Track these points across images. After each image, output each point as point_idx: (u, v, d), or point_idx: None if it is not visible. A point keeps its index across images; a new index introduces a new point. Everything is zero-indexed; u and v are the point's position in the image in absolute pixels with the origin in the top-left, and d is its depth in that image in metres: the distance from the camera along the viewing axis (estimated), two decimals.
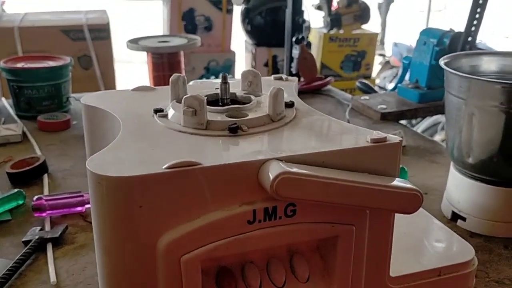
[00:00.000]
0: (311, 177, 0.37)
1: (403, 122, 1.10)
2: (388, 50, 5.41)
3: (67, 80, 1.11)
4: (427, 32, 1.10)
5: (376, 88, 2.72)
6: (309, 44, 2.41)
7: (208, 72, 2.34)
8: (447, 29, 1.14)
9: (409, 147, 0.91)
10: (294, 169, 0.37)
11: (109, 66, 2.12)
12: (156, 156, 0.38)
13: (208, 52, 2.35)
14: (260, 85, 0.52)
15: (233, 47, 2.47)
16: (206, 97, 0.44)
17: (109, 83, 2.10)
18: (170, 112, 0.46)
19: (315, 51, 2.59)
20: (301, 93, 1.23)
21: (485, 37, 5.71)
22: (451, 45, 1.04)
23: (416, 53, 1.10)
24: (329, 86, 1.31)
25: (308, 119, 0.47)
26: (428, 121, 2.47)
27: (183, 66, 1.13)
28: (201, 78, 2.32)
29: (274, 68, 2.41)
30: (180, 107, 0.44)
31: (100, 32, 2.07)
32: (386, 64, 4.47)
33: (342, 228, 0.41)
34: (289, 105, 0.49)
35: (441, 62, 0.64)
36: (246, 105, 0.47)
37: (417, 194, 0.40)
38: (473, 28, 1.06)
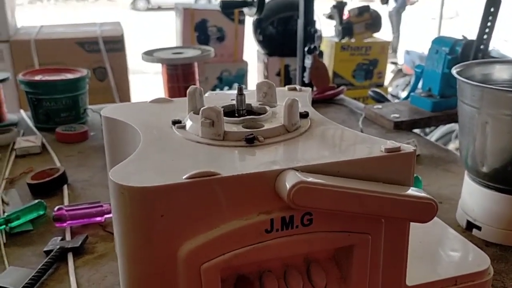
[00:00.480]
0: (327, 187, 0.38)
1: (416, 130, 1.10)
2: (401, 58, 5.40)
3: (84, 92, 1.14)
4: (439, 41, 1.10)
5: (388, 97, 2.72)
6: (321, 54, 2.42)
7: (221, 82, 2.36)
8: (459, 36, 1.15)
9: (423, 156, 0.91)
10: (310, 179, 0.38)
11: (124, 77, 2.15)
12: (176, 167, 0.39)
13: (221, 62, 2.37)
14: (275, 96, 0.53)
15: (245, 57, 2.49)
16: (222, 109, 0.45)
17: (124, 94, 2.13)
18: (188, 124, 0.47)
19: (327, 60, 2.60)
20: (314, 102, 1.24)
21: (498, 44, 5.68)
22: (463, 53, 1.05)
23: (429, 62, 1.10)
24: (342, 95, 1.31)
25: (323, 129, 0.48)
26: (442, 129, 2.45)
27: (197, 76, 1.14)
28: (214, 88, 2.34)
29: (286, 77, 2.43)
30: (197, 119, 0.45)
31: (114, 43, 2.10)
32: (399, 72, 4.46)
33: (358, 237, 0.41)
34: (304, 115, 0.50)
35: (454, 71, 0.65)
36: (262, 116, 0.48)
37: (432, 203, 0.40)
38: (485, 36, 1.07)
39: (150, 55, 1.12)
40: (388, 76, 4.35)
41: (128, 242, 0.38)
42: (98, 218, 0.69)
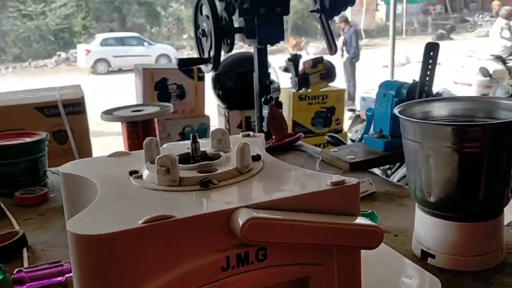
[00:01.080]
0: (278, 221, 0.40)
1: (378, 172, 1.14)
2: (358, 105, 5.61)
3: (43, 155, 1.14)
4: (386, 85, 1.17)
5: (348, 142, 2.81)
6: (280, 104, 2.49)
7: (184, 138, 2.39)
8: (411, 81, 1.22)
9: (378, 193, 0.95)
10: (262, 215, 0.40)
11: (85, 139, 2.14)
12: (133, 214, 0.41)
13: (182, 118, 2.41)
14: (228, 142, 0.56)
15: (207, 111, 2.54)
16: (178, 156, 0.47)
17: (85, 156, 2.12)
18: (145, 173, 0.49)
19: (286, 110, 2.69)
20: (274, 150, 1.28)
21: (448, 86, 5.98)
22: (409, 95, 1.11)
23: (378, 105, 1.16)
24: (300, 142, 1.36)
25: (274, 169, 0.51)
26: (403, 170, 2.54)
27: (157, 133, 1.17)
28: None
29: (247, 128, 2.48)
30: (153, 168, 0.47)
31: (74, 106, 2.11)
32: (357, 118, 4.62)
33: (311, 268, 0.43)
34: (256, 158, 0.53)
35: (396, 110, 0.69)
36: (216, 160, 0.51)
37: (377, 230, 0.43)
38: (427, 78, 1.14)
39: (109, 114, 1.14)
40: (347, 122, 4.50)
41: None
42: (59, 278, 0.68)
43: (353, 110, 4.87)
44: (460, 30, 18.20)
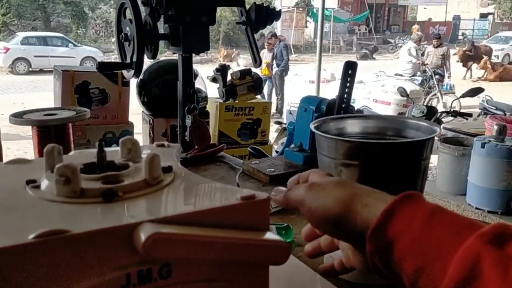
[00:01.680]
0: (182, 236, 0.39)
1: None
2: (285, 118, 5.73)
3: None
4: (306, 100, 1.20)
5: (273, 154, 2.84)
6: (206, 114, 2.47)
7: (105, 145, 2.29)
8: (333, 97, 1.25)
9: None
10: (165, 230, 0.38)
11: None
12: (24, 227, 0.38)
13: (104, 124, 2.32)
14: (139, 152, 0.54)
15: (131, 118, 2.46)
16: (82, 166, 0.44)
17: None
18: (44, 183, 0.46)
19: (213, 120, 2.67)
20: (196, 160, 1.26)
21: (368, 103, 6.26)
22: (328, 111, 1.14)
23: (299, 119, 1.19)
24: (222, 153, 1.35)
25: (185, 182, 0.49)
26: None
27: (71, 139, 1.11)
28: None
29: (172, 137, 2.43)
30: (53, 177, 0.44)
31: None
32: (284, 131, 4.71)
33: (218, 285, 0.42)
34: (167, 169, 0.51)
35: (311, 126, 0.71)
36: (123, 171, 0.48)
37: (286, 245, 0.43)
38: (345, 95, 1.18)
39: (19, 117, 1.07)
40: (273, 134, 4.57)
41: None
42: None
43: (280, 123, 4.96)
44: (382, 50, 19.24)
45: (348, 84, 1.17)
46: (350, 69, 1.16)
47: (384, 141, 0.70)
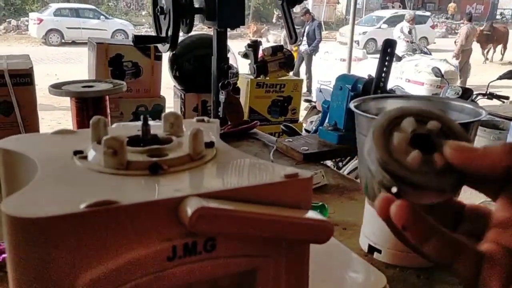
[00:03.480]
0: (228, 211, 0.39)
1: (330, 164, 1.15)
2: (314, 96, 5.67)
3: None
4: (342, 79, 1.18)
5: (303, 132, 2.82)
6: (237, 90, 2.47)
7: (137, 117, 2.32)
8: (366, 76, 1.24)
9: (329, 186, 0.96)
10: (212, 204, 0.38)
11: (32, 112, 2.04)
12: (75, 197, 0.38)
13: (136, 98, 2.34)
14: (181, 127, 0.54)
15: (163, 92, 2.48)
16: (127, 138, 0.45)
17: (32, 130, 2.02)
18: (91, 154, 0.47)
19: (244, 96, 2.67)
20: (229, 136, 1.27)
21: (401, 83, 6.14)
22: (364, 90, 1.13)
23: (334, 98, 1.17)
24: (255, 130, 1.35)
25: (227, 158, 0.50)
26: (354, 163, 2.59)
27: (108, 111, 1.12)
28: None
29: (203, 112, 2.44)
30: (100, 149, 0.45)
31: (22, 77, 2.00)
32: (313, 109, 4.67)
33: (260, 261, 0.42)
34: (209, 144, 0.51)
35: (351, 105, 0.69)
36: (167, 145, 0.48)
37: (328, 225, 0.42)
38: (383, 74, 1.16)
39: (58, 88, 1.09)
40: (303, 113, 4.55)
41: (22, 277, 0.36)
42: None
43: (309, 101, 4.92)
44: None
45: (386, 64, 1.15)
46: (389, 47, 1.14)
47: None
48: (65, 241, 0.35)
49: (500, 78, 4.66)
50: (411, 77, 6.03)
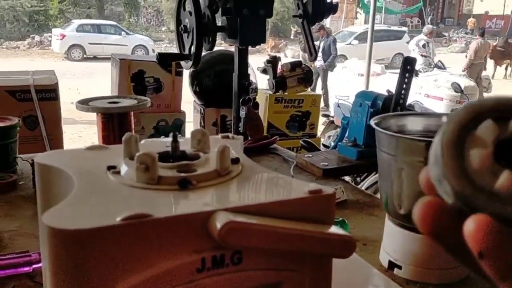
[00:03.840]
0: (255, 226, 0.41)
1: (348, 179, 1.16)
2: (332, 111, 5.68)
3: (14, 141, 1.11)
4: (362, 95, 1.19)
5: (321, 147, 2.83)
6: (256, 105, 2.50)
7: (158, 132, 2.37)
8: (385, 91, 1.25)
9: (349, 201, 0.97)
10: (240, 219, 0.40)
11: (56, 126, 2.10)
12: (110, 210, 0.41)
13: (157, 112, 2.39)
14: (208, 143, 0.56)
15: (183, 107, 2.52)
16: (158, 154, 0.47)
17: (56, 143, 2.08)
18: (123, 169, 0.49)
19: (262, 111, 2.69)
20: (249, 151, 1.29)
21: (420, 98, 6.10)
22: (384, 106, 1.14)
23: (353, 114, 1.19)
24: (274, 145, 1.37)
25: (253, 173, 0.51)
26: (371, 178, 2.58)
27: (133, 126, 1.16)
28: (150, 137, 2.34)
29: (222, 127, 2.48)
30: (132, 164, 0.47)
31: (47, 92, 2.07)
32: (331, 124, 4.68)
33: (285, 274, 0.44)
34: (235, 161, 0.53)
35: (372, 122, 0.71)
36: (195, 161, 0.51)
37: (350, 240, 0.44)
38: (403, 91, 1.17)
39: (85, 104, 1.13)
40: (321, 127, 4.55)
41: (61, 286, 0.38)
42: (26, 268, 0.67)
43: (327, 116, 4.93)
44: (435, 44, 18.61)
45: (406, 80, 1.16)
46: (408, 64, 1.15)
47: None
48: (103, 251, 0.37)
49: None
50: (430, 92, 6.00)
